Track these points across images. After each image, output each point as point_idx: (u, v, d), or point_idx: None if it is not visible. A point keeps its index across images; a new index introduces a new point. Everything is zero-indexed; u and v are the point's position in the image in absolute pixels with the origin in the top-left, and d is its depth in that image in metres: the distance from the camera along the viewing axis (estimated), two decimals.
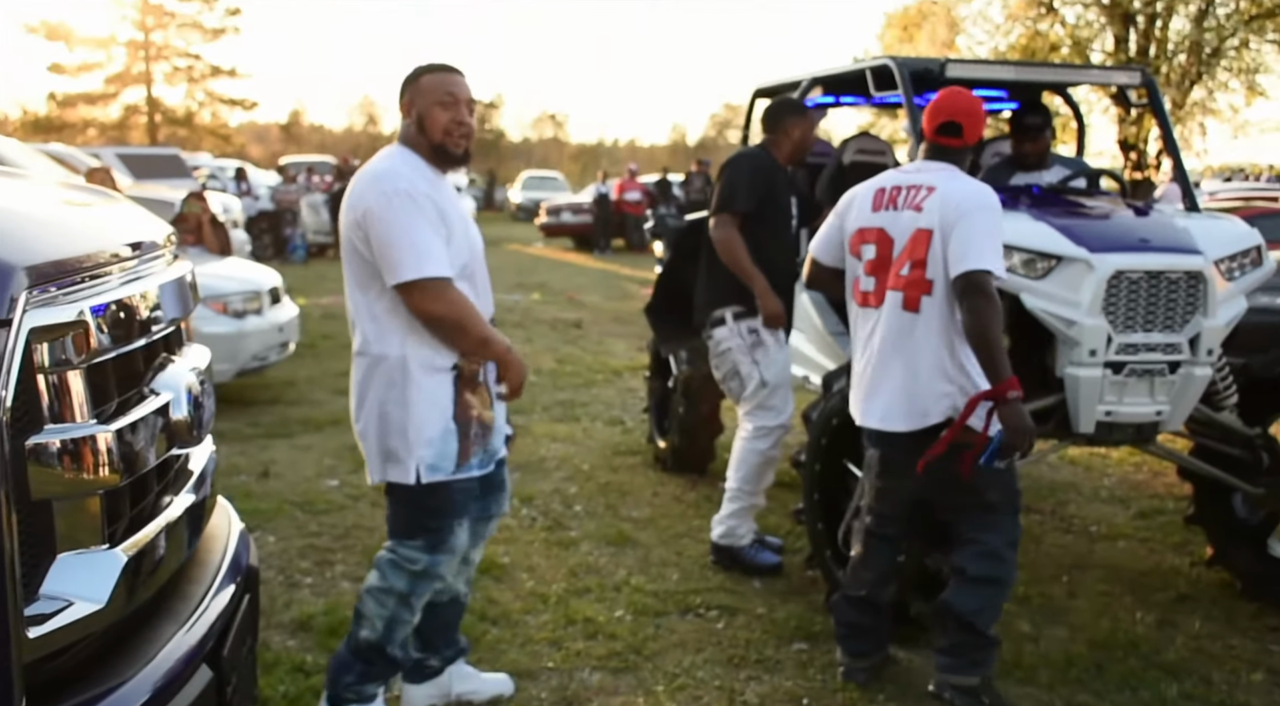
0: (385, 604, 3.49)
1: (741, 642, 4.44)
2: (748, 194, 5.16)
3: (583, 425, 8.20)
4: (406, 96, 3.48)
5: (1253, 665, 4.32)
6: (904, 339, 3.85)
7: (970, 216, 3.77)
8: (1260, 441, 4.93)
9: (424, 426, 3.36)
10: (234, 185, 23.02)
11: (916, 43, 23.86)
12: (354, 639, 3.53)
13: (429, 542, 3.46)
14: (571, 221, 27.82)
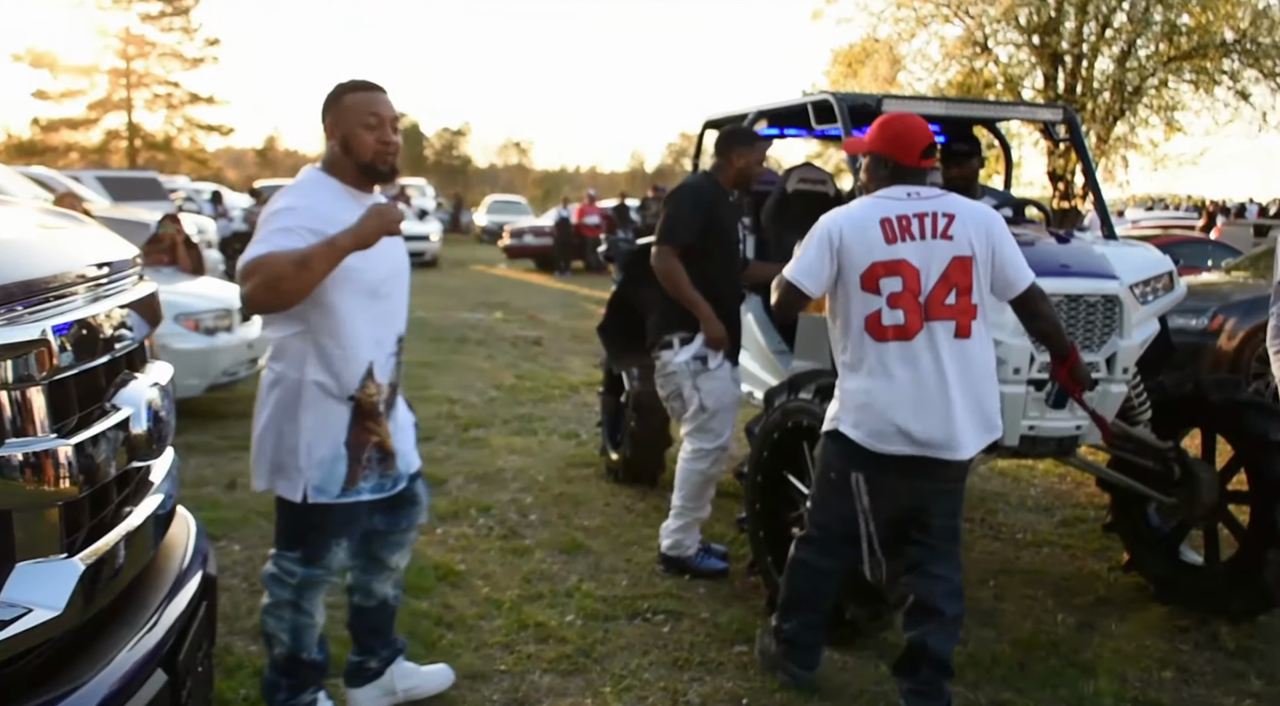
0: (283, 617, 3.42)
1: (686, 645, 4.44)
2: (687, 226, 5.15)
3: (540, 438, 8.19)
4: (329, 117, 3.29)
5: (1163, 663, 4.37)
6: (964, 366, 3.59)
7: (1003, 237, 3.71)
8: (1172, 454, 4.99)
9: (315, 449, 3.27)
10: (210, 207, 22.86)
11: (860, 78, 23.98)
12: (271, 660, 3.47)
13: (306, 556, 3.37)
14: (533, 244, 27.85)
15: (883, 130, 3.77)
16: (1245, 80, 22.51)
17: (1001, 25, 22.40)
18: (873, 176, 3.79)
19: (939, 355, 3.56)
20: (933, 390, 3.55)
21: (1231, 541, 5.01)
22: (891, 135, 3.74)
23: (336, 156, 3.30)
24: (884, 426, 3.58)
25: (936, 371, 3.56)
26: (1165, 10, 21.59)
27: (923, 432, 3.55)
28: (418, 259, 26.18)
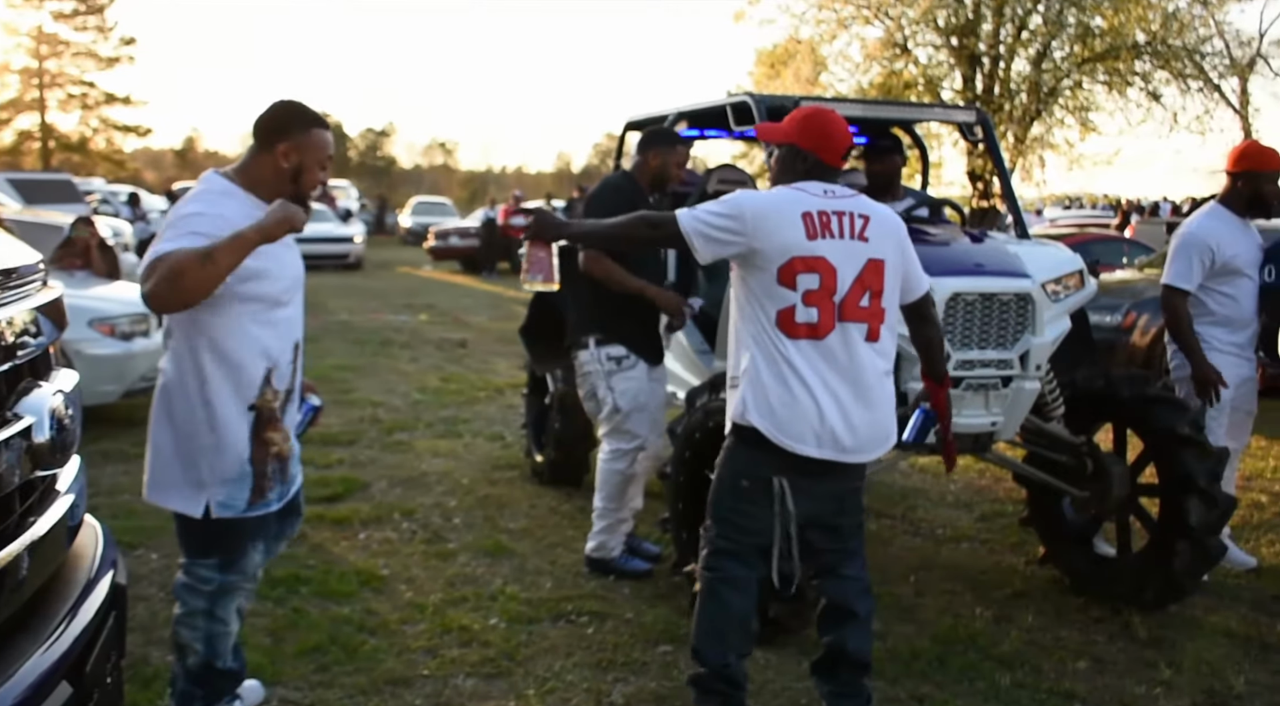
0: (196, 626, 3.36)
1: (610, 646, 4.45)
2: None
3: (464, 441, 8.15)
4: (288, 141, 3.26)
5: (1078, 654, 4.45)
6: (872, 370, 3.52)
7: (909, 242, 3.66)
8: (1085, 449, 5.10)
9: (217, 468, 3.23)
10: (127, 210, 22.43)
11: (783, 79, 24.20)
12: (184, 669, 3.41)
13: (222, 563, 3.33)
14: (459, 245, 27.72)
15: (807, 123, 3.58)
16: (1156, 81, 23.09)
17: (920, 27, 22.75)
18: (787, 169, 3.61)
19: (851, 357, 3.48)
20: (844, 392, 3.48)
21: (1143, 533, 5.13)
22: (817, 130, 3.57)
23: (270, 178, 3.26)
24: (801, 428, 3.47)
25: (848, 373, 3.49)
26: (1079, 13, 22.06)
27: (837, 435, 3.48)
28: (341, 261, 25.94)
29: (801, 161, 3.57)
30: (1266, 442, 7.52)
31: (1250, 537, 6.00)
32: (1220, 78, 24.33)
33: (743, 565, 3.58)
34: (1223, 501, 4.82)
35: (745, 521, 3.55)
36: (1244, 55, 25.96)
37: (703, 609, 3.61)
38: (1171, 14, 22.39)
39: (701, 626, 3.59)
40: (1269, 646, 4.55)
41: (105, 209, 22.03)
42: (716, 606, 3.57)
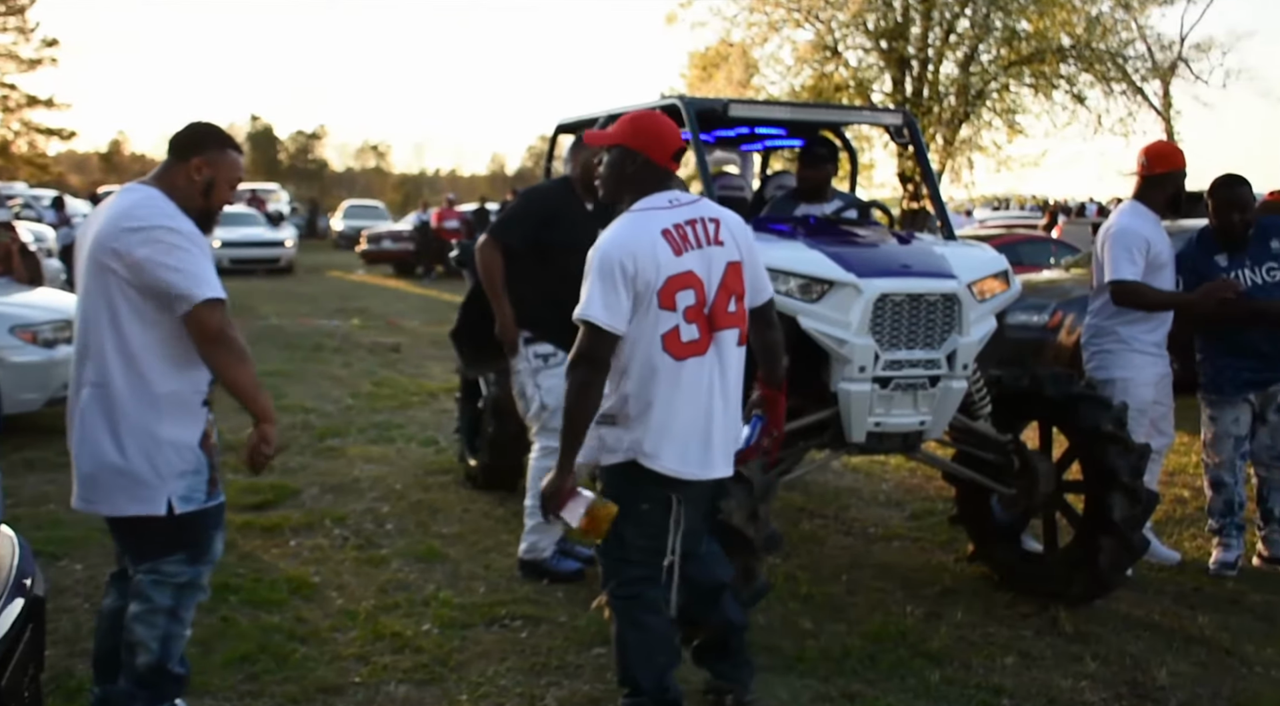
0: (155, 624, 3.37)
1: (544, 650, 4.44)
2: (517, 228, 5.23)
3: (397, 446, 8.09)
4: (202, 156, 3.39)
5: (1006, 649, 4.52)
6: (740, 374, 3.57)
7: (754, 242, 3.66)
8: (1012, 447, 5.17)
9: (175, 461, 3.30)
10: (51, 214, 22.00)
11: (716, 81, 24.28)
12: (132, 670, 3.39)
13: (191, 555, 3.39)
14: (392, 248, 27.60)
15: (636, 125, 3.50)
16: (1081, 84, 23.50)
17: (850, 30, 22.94)
18: (616, 172, 3.53)
19: (726, 366, 3.48)
20: (724, 404, 3.48)
21: (1069, 529, 5.21)
22: (646, 131, 3.49)
23: (183, 187, 3.38)
24: (689, 448, 3.43)
25: (726, 382, 3.49)
26: (1005, 17, 22.38)
27: (727, 447, 3.53)
28: (272, 265, 25.65)
29: (631, 162, 3.50)
30: (1189, 439, 7.67)
31: (1173, 532, 6.12)
32: (1143, 80, 24.84)
33: (654, 584, 3.57)
34: (1145, 497, 4.91)
35: (651, 543, 3.53)
36: (1165, 59, 26.58)
37: (627, 638, 3.57)
38: (1095, 18, 22.81)
39: (630, 655, 3.56)
40: (1191, 638, 4.65)
41: (28, 214, 21.59)
42: (641, 632, 3.56)
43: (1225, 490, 5.50)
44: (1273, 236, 5.46)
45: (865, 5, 21.90)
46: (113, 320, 3.27)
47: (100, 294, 3.28)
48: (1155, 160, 5.45)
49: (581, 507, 3.42)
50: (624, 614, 3.58)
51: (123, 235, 3.23)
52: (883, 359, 4.63)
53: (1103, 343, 5.43)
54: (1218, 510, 5.53)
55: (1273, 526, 5.55)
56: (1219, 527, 5.54)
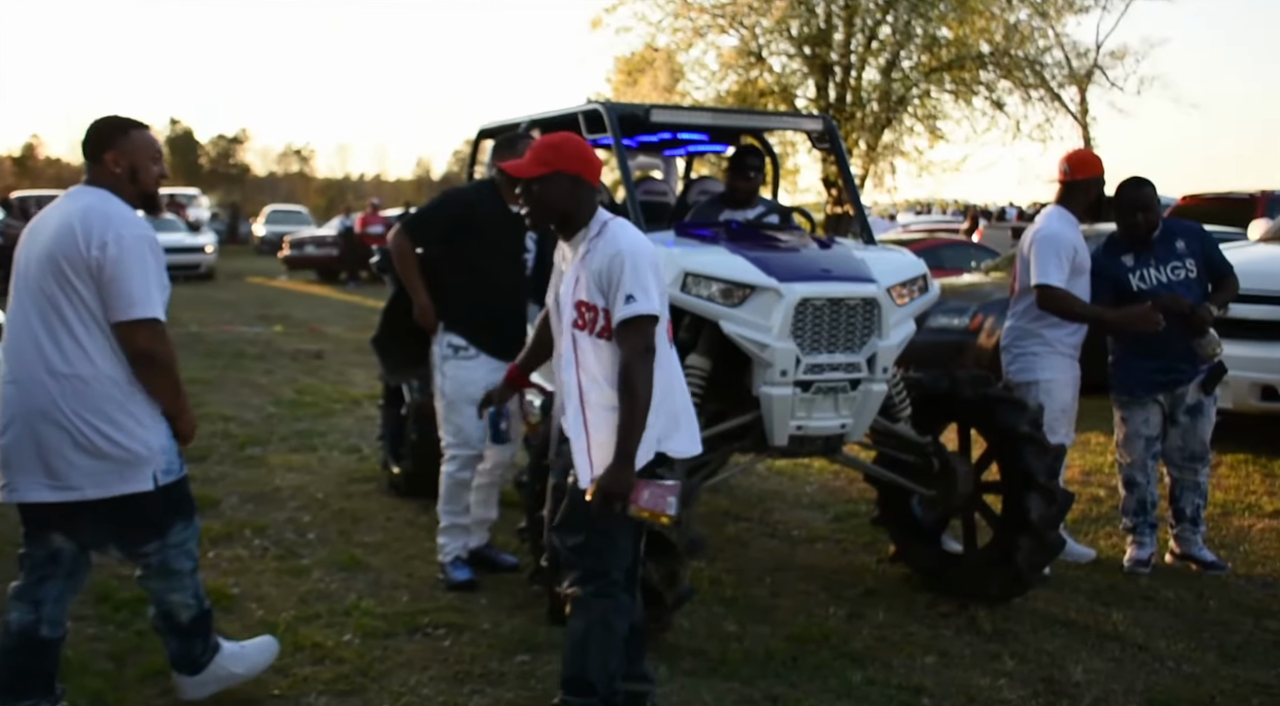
0: (185, 584, 3.74)
1: (467, 658, 4.42)
2: (429, 224, 5.29)
3: (319, 454, 8.00)
4: (115, 149, 3.56)
5: (926, 649, 4.58)
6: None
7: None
8: (931, 449, 5.24)
9: (151, 437, 3.55)
10: None
11: (641, 86, 24.29)
12: (179, 627, 3.77)
13: (185, 521, 3.72)
14: (315, 254, 27.32)
15: (569, 150, 3.52)
16: (1000, 91, 23.90)
17: (774, 36, 23.10)
18: (569, 196, 3.50)
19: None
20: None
21: (988, 529, 5.30)
22: (578, 155, 3.53)
23: (121, 183, 3.58)
24: (693, 429, 3.64)
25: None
26: (925, 24, 22.67)
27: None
28: (192, 272, 25.23)
29: (577, 187, 3.50)
30: (1105, 439, 7.83)
31: (1089, 531, 6.24)
32: (1060, 87, 25.30)
33: (631, 588, 3.60)
34: (1061, 497, 5.01)
35: (635, 543, 3.59)
36: (1082, 66, 27.07)
37: (595, 641, 3.52)
38: (1013, 26, 23.20)
39: (592, 656, 3.52)
40: (1105, 635, 4.75)
41: None
42: (608, 635, 3.53)
43: (1138, 489, 5.62)
44: (1178, 237, 5.59)
45: (789, 11, 22.07)
46: (81, 314, 3.44)
47: (63, 289, 3.43)
48: (1077, 167, 5.57)
49: (671, 494, 3.39)
50: (597, 614, 3.53)
51: (93, 232, 3.41)
52: (804, 363, 4.68)
53: (1026, 345, 5.52)
54: (1131, 509, 5.65)
55: (1184, 525, 5.68)
56: (1133, 526, 5.66)
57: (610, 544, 3.53)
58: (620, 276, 3.39)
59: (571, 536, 3.56)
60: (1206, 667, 4.41)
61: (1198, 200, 13.96)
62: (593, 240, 3.50)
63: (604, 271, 3.42)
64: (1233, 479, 7.37)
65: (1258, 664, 4.45)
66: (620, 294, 3.39)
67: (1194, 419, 5.58)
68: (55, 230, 3.46)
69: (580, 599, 3.55)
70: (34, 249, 3.51)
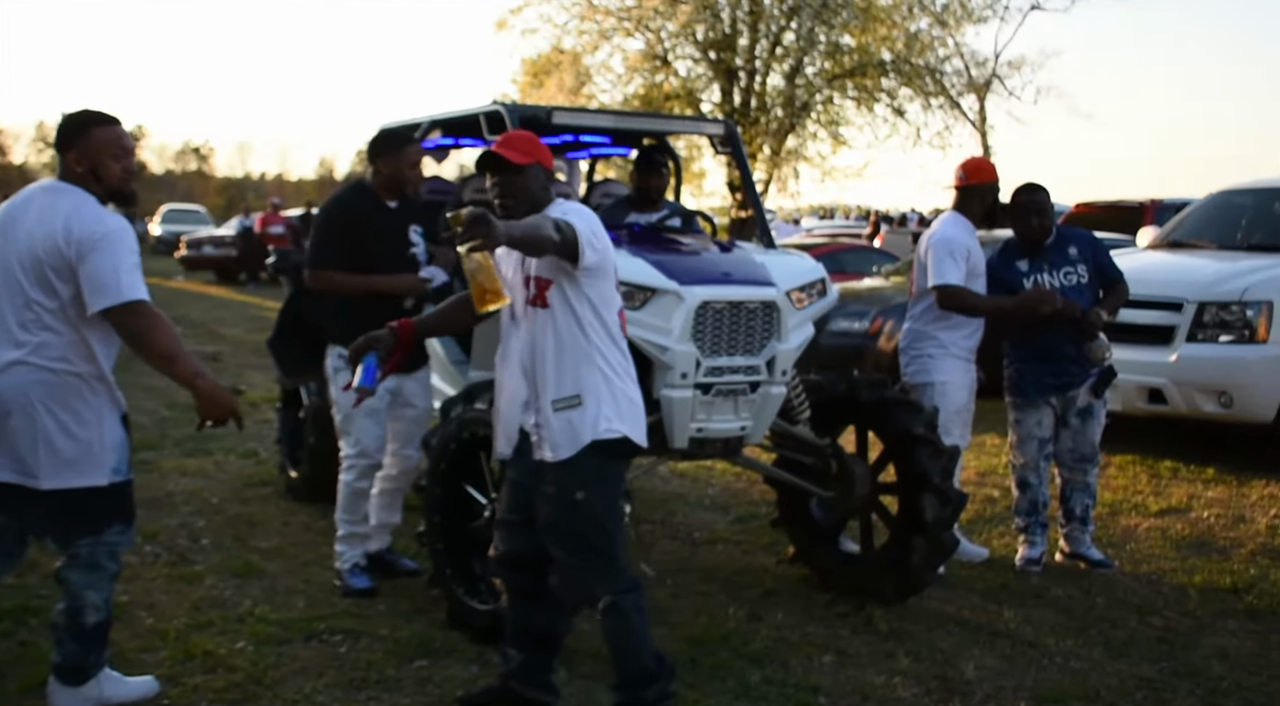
0: (104, 587, 3.79)
1: (363, 664, 4.36)
2: (330, 249, 5.13)
3: (215, 458, 7.85)
4: (75, 149, 3.64)
5: (824, 648, 4.63)
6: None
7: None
8: (830, 451, 5.31)
9: (107, 435, 3.69)
10: None
11: (547, 88, 24.27)
12: (83, 631, 3.77)
13: (125, 524, 3.82)
14: (213, 254, 26.88)
15: (538, 145, 3.72)
16: (901, 98, 24.36)
17: (680, 40, 23.27)
18: (538, 188, 3.68)
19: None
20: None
21: (885, 530, 5.38)
22: (549, 152, 3.76)
23: (81, 182, 3.66)
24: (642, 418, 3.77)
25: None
26: (829, 31, 23.03)
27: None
28: None
29: (546, 177, 3.74)
30: (1000, 441, 7.99)
31: (983, 530, 6.37)
32: (960, 95, 25.84)
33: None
34: (955, 497, 5.11)
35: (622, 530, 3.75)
36: (981, 75, 27.66)
37: (637, 635, 3.66)
38: (914, 34, 23.66)
39: (643, 648, 3.67)
40: (997, 632, 4.85)
41: None
42: (644, 622, 3.69)
43: (1030, 490, 5.75)
44: (1071, 244, 5.74)
45: (694, 16, 22.24)
46: (57, 312, 3.56)
47: (43, 288, 3.55)
48: (971, 172, 5.69)
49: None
50: (628, 610, 3.63)
51: (70, 227, 3.52)
52: (704, 365, 4.71)
53: (922, 347, 5.63)
54: (1023, 509, 5.78)
55: (1074, 524, 5.83)
56: (1024, 526, 5.79)
57: (611, 541, 3.65)
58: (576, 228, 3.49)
59: (574, 548, 3.65)
60: (1093, 663, 4.52)
61: (1090, 208, 14.33)
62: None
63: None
64: (1120, 479, 7.58)
65: (1141, 658, 4.58)
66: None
67: (1084, 421, 5.73)
68: (36, 231, 3.56)
69: (609, 604, 3.63)
70: (12, 247, 3.60)
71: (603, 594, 3.62)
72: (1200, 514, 6.76)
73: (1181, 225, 9.60)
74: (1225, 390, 7.64)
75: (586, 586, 3.67)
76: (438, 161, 7.11)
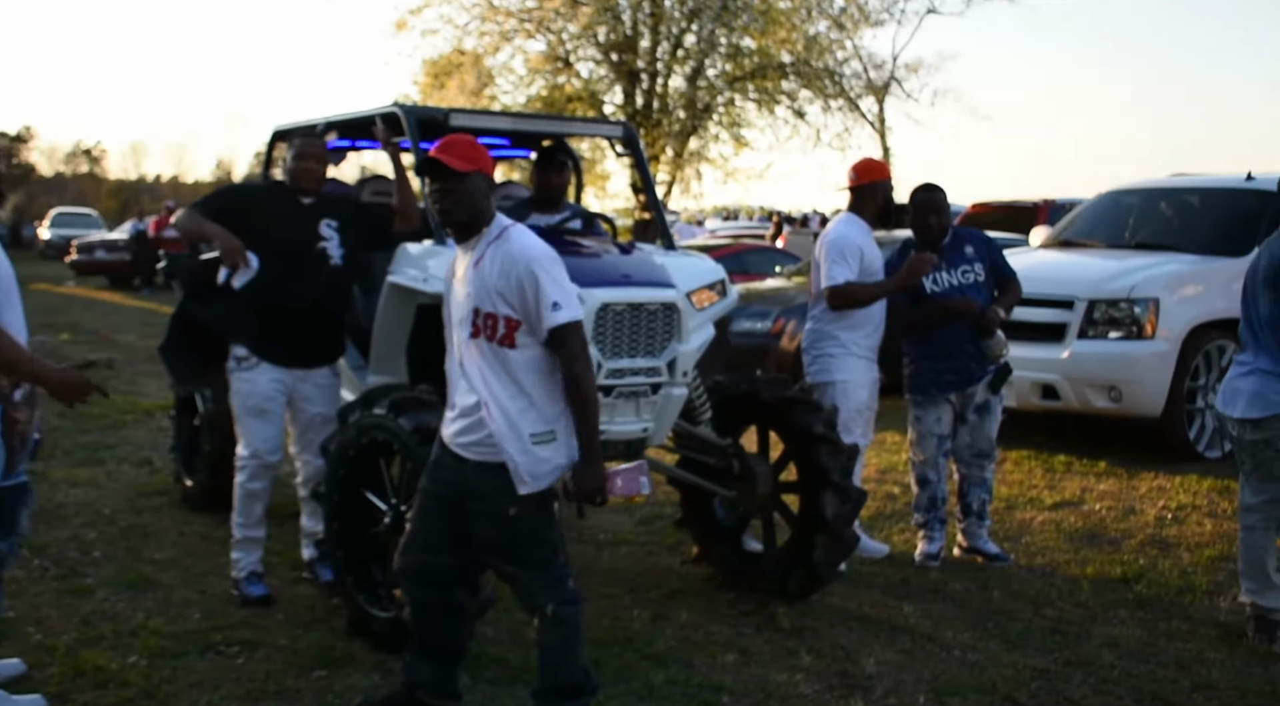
0: None
1: (261, 676, 4.28)
2: (210, 201, 5.16)
3: (108, 468, 7.65)
4: None
5: (727, 647, 4.66)
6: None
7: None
8: (731, 450, 5.34)
9: None
10: None
11: (449, 90, 24.06)
12: None
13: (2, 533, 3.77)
14: (106, 259, 26.21)
15: (481, 152, 3.65)
16: (801, 100, 24.63)
17: (581, 42, 23.25)
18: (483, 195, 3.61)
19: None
20: None
21: (787, 528, 5.43)
22: (491, 160, 3.72)
23: None
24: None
25: None
26: (729, 33, 23.20)
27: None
28: None
29: (489, 186, 3.67)
30: (900, 438, 8.11)
31: (884, 527, 6.46)
32: (858, 97, 26.20)
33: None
34: (855, 494, 5.18)
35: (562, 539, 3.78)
36: (879, 77, 28.07)
37: (573, 648, 3.68)
38: (813, 37, 23.93)
39: (575, 662, 3.68)
40: (897, 627, 4.92)
41: None
42: (581, 635, 3.71)
43: (929, 486, 5.85)
44: (967, 243, 5.86)
45: (595, 18, 22.24)
46: None
47: None
48: (863, 173, 5.79)
49: (641, 474, 3.62)
50: (570, 624, 3.64)
51: None
52: (605, 367, 4.70)
53: (823, 347, 5.69)
54: (922, 505, 5.88)
55: (971, 519, 5.94)
56: (924, 521, 5.88)
57: (554, 552, 3.66)
58: (540, 286, 3.46)
59: (516, 562, 3.64)
60: (990, 655, 4.61)
61: (987, 208, 14.64)
62: (491, 244, 3.56)
63: (515, 282, 3.47)
64: (1016, 474, 7.75)
65: (1036, 650, 4.68)
66: (545, 302, 3.46)
67: (982, 417, 5.84)
68: None
69: (553, 615, 3.61)
70: None
71: (546, 604, 3.61)
72: (1092, 506, 6.94)
73: (1072, 225, 9.85)
74: (1115, 385, 7.86)
75: (527, 594, 3.66)
76: (335, 164, 7.01)
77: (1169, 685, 4.34)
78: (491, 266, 3.51)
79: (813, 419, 5.16)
